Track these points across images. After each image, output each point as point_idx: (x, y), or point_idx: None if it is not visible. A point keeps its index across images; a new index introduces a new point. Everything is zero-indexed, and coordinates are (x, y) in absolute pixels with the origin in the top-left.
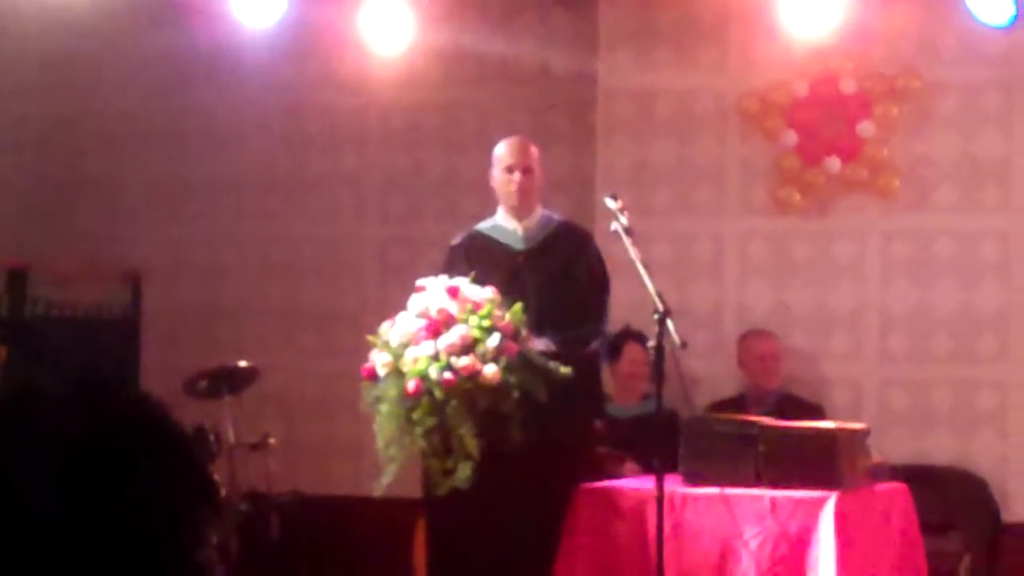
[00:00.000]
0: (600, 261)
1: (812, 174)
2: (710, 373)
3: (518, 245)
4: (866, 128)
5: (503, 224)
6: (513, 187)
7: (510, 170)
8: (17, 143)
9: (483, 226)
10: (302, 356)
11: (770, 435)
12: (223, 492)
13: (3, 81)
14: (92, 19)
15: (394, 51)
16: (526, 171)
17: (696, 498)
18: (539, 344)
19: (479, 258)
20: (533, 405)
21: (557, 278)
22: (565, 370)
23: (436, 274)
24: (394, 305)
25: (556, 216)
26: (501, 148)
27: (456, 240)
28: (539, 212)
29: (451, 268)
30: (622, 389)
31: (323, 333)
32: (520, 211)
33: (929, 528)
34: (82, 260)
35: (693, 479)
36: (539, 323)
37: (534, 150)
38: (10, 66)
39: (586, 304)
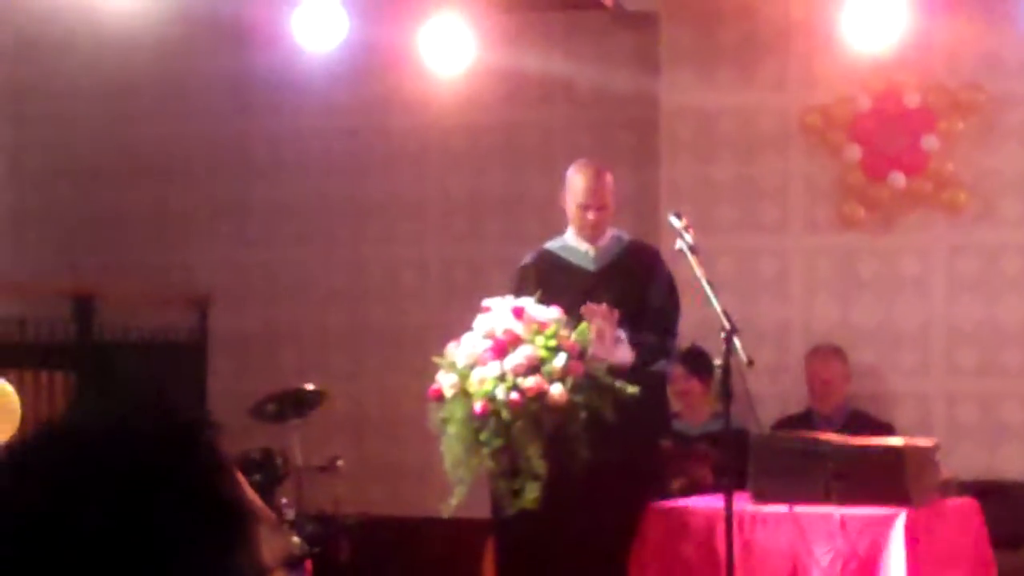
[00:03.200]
0: (671, 280)
1: (877, 189)
2: (776, 391)
3: (589, 266)
4: (930, 142)
5: (574, 245)
6: (586, 224)
7: (584, 208)
8: (81, 171)
9: (553, 245)
10: (368, 378)
11: (839, 452)
12: (291, 514)
13: (68, 109)
14: (152, 45)
15: (455, 72)
16: (600, 209)
17: (765, 516)
18: (621, 335)
19: (549, 278)
20: (600, 424)
21: (629, 299)
22: (632, 389)
23: (502, 294)
24: (458, 326)
25: (626, 236)
26: (576, 181)
27: (526, 260)
28: (610, 233)
29: (521, 288)
30: (686, 405)
31: (389, 355)
32: (592, 238)
33: (1001, 543)
34: (148, 286)
35: (762, 497)
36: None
37: (608, 180)
38: (75, 94)
39: (658, 324)
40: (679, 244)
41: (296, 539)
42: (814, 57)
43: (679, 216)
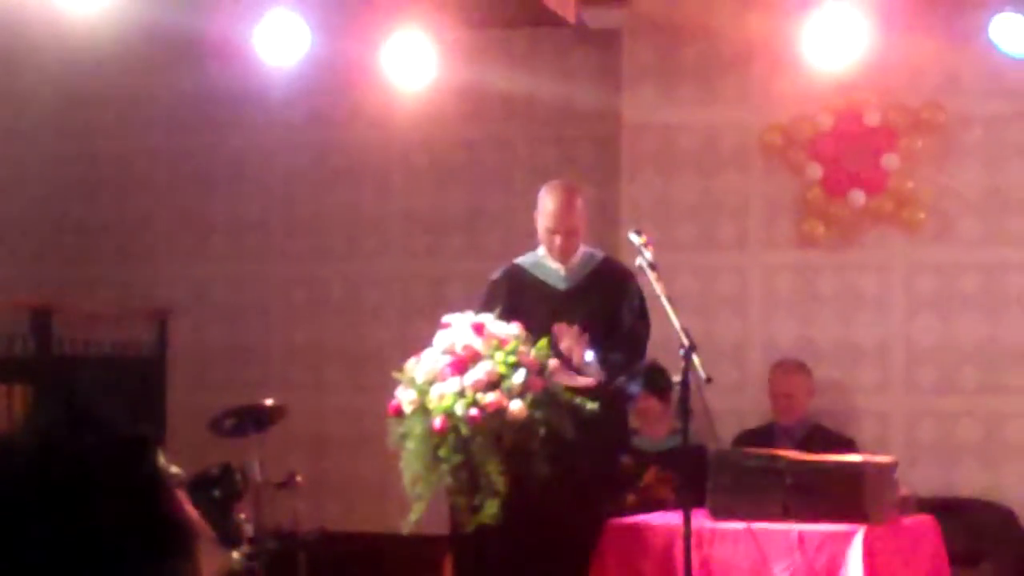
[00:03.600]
0: (642, 300)
1: (837, 207)
2: (736, 407)
3: (560, 284)
4: (890, 161)
5: (545, 262)
6: (555, 246)
7: (553, 232)
8: (42, 183)
9: (524, 261)
10: (328, 394)
11: (797, 469)
12: (249, 530)
13: (28, 121)
14: (116, 58)
15: (417, 88)
16: (568, 234)
17: (724, 533)
18: (588, 357)
19: (520, 294)
20: (559, 441)
21: (600, 317)
22: (591, 405)
23: (462, 310)
24: (418, 342)
25: (599, 253)
26: (546, 204)
27: (496, 275)
28: (581, 250)
29: (491, 303)
30: (645, 422)
31: (348, 370)
32: (562, 260)
33: (958, 560)
34: (108, 299)
35: (721, 513)
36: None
37: (579, 204)
38: (35, 105)
39: (628, 345)
40: (639, 261)
41: (236, 555)
42: (775, 75)
43: (639, 233)
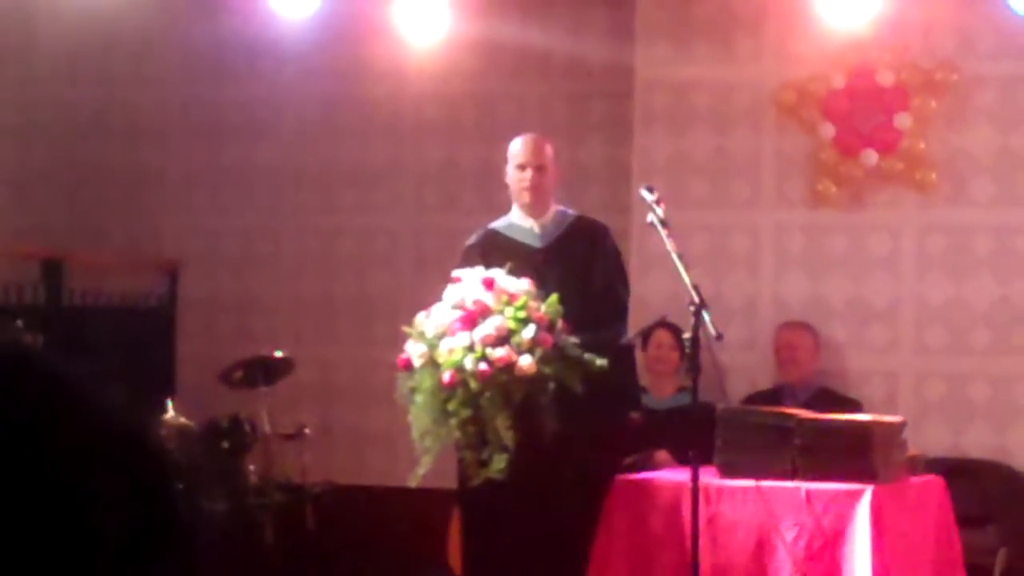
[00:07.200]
0: (618, 255)
1: (849, 167)
2: (745, 365)
3: (536, 243)
4: (903, 121)
5: (519, 222)
6: (525, 184)
7: (522, 168)
8: (54, 133)
9: (498, 225)
10: (337, 347)
11: (806, 428)
12: (254, 480)
13: (40, 71)
14: (129, 9)
15: (430, 42)
16: (538, 169)
17: (732, 490)
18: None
19: (496, 257)
20: (568, 396)
21: (576, 274)
22: (601, 362)
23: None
24: (428, 296)
25: (571, 211)
26: (515, 145)
27: (471, 240)
28: (554, 209)
29: (467, 268)
30: (655, 378)
31: (358, 324)
32: (534, 209)
33: (965, 521)
34: (118, 250)
35: (729, 471)
36: (562, 320)
37: (548, 148)
38: (48, 55)
39: (607, 300)
40: (650, 217)
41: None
42: (789, 33)
43: (651, 189)
